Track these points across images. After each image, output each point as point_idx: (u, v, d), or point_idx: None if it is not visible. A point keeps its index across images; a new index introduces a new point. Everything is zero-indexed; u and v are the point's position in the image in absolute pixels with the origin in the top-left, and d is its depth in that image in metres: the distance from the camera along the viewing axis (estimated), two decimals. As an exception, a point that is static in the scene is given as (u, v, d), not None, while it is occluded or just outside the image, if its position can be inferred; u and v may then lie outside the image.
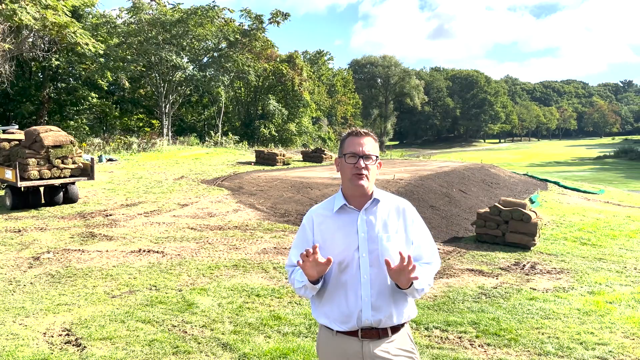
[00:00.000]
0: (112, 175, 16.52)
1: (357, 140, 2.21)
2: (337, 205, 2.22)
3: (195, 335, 4.72)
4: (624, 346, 4.55)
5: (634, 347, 4.53)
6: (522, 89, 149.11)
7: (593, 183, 24.56)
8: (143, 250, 7.91)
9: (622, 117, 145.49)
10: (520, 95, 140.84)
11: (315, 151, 23.43)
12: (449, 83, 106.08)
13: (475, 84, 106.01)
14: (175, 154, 23.97)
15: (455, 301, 5.77)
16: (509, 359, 4.30)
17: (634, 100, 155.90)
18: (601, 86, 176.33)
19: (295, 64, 39.57)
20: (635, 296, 5.99)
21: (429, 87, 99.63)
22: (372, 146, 2.23)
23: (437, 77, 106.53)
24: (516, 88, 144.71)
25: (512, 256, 7.96)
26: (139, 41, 31.75)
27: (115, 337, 4.66)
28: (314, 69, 51.89)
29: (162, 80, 33.46)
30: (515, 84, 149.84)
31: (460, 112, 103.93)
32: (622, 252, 8.53)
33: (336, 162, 2.31)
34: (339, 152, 2.27)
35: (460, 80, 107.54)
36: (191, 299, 5.71)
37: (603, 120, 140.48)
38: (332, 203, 2.25)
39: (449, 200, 12.01)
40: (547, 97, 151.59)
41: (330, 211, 2.23)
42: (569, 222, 10.97)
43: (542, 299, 5.86)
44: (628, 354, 4.39)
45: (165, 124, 33.51)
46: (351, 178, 2.17)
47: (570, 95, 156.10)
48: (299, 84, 39.01)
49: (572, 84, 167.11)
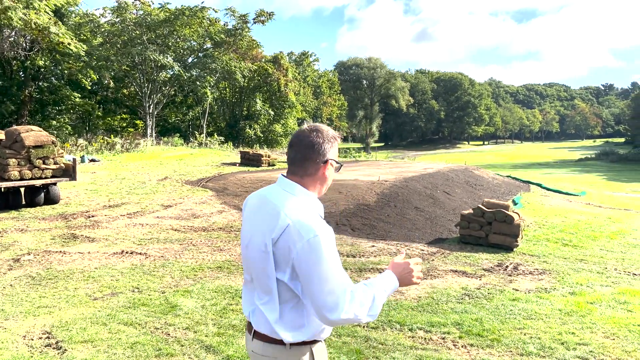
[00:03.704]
0: (94, 176, 16.33)
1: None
2: (321, 210, 2.00)
3: (179, 338, 4.68)
4: (605, 346, 4.61)
5: (614, 347, 4.59)
6: (505, 92, 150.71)
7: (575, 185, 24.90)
8: (126, 252, 7.83)
9: (603, 120, 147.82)
10: (503, 97, 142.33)
11: (300, 152, 23.37)
12: (434, 85, 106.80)
13: (460, 86, 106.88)
14: (159, 155, 23.77)
15: (439, 302, 5.80)
16: (491, 359, 4.33)
17: (615, 104, 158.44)
18: (583, 89, 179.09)
19: (280, 64, 39.53)
20: (616, 297, 6.08)
21: (414, 89, 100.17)
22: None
23: (422, 80, 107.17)
24: (500, 91, 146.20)
25: (495, 257, 8.03)
26: (123, 41, 31.46)
27: (96, 340, 4.60)
28: (300, 70, 51.90)
29: (146, 80, 33.19)
30: (499, 87, 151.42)
31: (444, 114, 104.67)
32: (603, 253, 8.65)
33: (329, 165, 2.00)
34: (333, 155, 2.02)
35: (444, 82, 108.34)
36: (174, 301, 5.66)
37: (585, 123, 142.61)
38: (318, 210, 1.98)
39: (433, 202, 12.08)
40: (530, 99, 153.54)
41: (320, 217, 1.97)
42: (551, 224, 11.09)
43: (524, 299, 5.92)
44: (608, 354, 4.45)
45: (149, 124, 33.24)
46: (328, 187, 2.02)
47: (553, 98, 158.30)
48: (284, 84, 38.97)
49: (554, 87, 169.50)
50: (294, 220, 1.83)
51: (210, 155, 24.75)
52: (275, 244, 1.85)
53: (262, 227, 1.91)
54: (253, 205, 2.04)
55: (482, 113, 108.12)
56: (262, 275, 1.93)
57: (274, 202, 1.94)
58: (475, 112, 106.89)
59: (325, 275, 1.79)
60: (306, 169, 1.98)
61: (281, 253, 1.84)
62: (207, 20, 33.89)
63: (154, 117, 34.23)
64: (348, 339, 4.69)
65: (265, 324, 1.94)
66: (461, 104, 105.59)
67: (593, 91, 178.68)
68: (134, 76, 33.88)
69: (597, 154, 70.08)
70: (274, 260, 1.86)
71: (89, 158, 20.63)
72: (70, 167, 11.81)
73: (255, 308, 1.98)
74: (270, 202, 1.95)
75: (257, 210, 1.99)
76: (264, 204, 1.97)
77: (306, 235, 1.80)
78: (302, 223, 1.82)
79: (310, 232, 1.80)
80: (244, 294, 2.08)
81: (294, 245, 1.81)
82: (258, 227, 1.94)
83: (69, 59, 28.44)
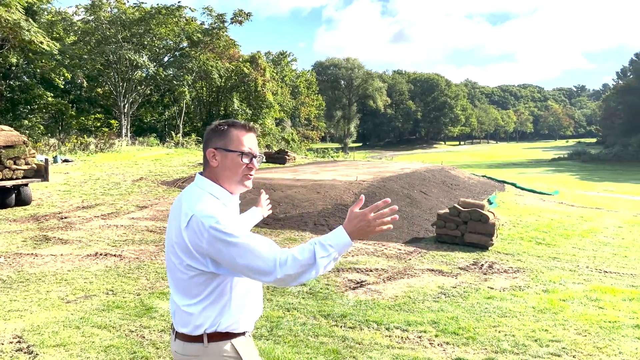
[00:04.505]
0: (67, 176, 16.02)
1: (252, 137, 2.03)
2: (229, 200, 1.99)
3: (154, 340, 4.62)
4: (577, 342, 4.70)
5: (586, 344, 4.69)
6: (481, 93, 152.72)
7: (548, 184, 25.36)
8: (100, 254, 7.70)
9: (575, 121, 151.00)
10: (479, 98, 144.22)
11: (278, 152, 23.34)
12: (411, 86, 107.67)
13: (436, 87, 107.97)
14: (134, 155, 23.45)
15: (415, 301, 5.85)
16: (466, 357, 4.38)
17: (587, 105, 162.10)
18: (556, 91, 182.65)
19: (258, 64, 39.34)
20: (587, 294, 6.21)
21: (392, 90, 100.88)
22: (257, 144, 2.08)
23: (399, 80, 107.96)
24: (475, 92, 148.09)
25: (471, 256, 8.12)
26: (97, 39, 30.95)
27: (69, 344, 4.51)
28: (277, 70, 51.74)
29: (121, 79, 32.71)
30: (475, 88, 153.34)
31: (421, 114, 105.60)
32: (575, 251, 8.83)
33: (211, 152, 1.98)
34: (220, 144, 1.98)
35: (421, 83, 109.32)
36: (150, 303, 5.59)
37: (558, 124, 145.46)
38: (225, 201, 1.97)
39: (411, 202, 12.17)
40: (505, 100, 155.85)
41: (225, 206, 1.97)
42: (525, 223, 11.28)
43: (499, 297, 6.01)
44: (580, 350, 4.54)
45: (124, 124, 32.76)
46: (242, 179, 2.00)
47: (527, 99, 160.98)
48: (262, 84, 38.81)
49: (528, 88, 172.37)
50: (195, 212, 1.84)
51: (187, 155, 24.51)
52: (185, 238, 1.86)
53: (175, 224, 1.93)
54: (172, 207, 2.05)
55: (458, 114, 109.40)
56: (176, 273, 1.94)
57: (184, 199, 1.96)
58: (451, 113, 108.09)
59: (243, 251, 1.79)
60: (204, 162, 2.02)
61: (194, 246, 1.85)
62: (184, 20, 33.56)
63: (129, 117, 33.76)
64: (325, 339, 4.69)
65: (183, 322, 1.94)
66: (438, 104, 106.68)
67: (566, 92, 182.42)
68: (109, 75, 33.35)
69: (570, 154, 71.49)
70: (190, 254, 1.86)
71: (62, 158, 20.24)
72: (42, 168, 11.58)
73: (177, 308, 1.98)
74: (182, 200, 1.97)
75: (173, 210, 2.02)
76: (178, 203, 1.99)
77: (207, 223, 1.80)
78: (202, 212, 1.83)
79: (211, 219, 1.81)
80: (171, 295, 2.08)
81: (202, 236, 1.81)
82: (172, 227, 1.96)
83: (42, 57, 27.87)
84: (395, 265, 7.42)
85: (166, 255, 2.01)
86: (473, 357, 4.37)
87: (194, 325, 1.92)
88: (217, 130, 2.00)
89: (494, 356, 4.39)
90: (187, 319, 1.94)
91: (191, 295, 1.92)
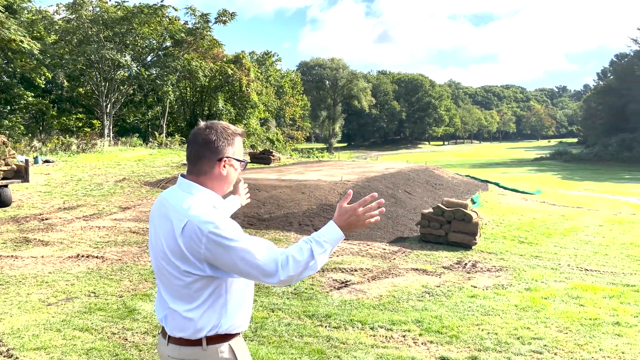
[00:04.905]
0: (48, 177, 15.80)
1: (242, 144, 2.02)
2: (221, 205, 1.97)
3: (137, 343, 4.57)
4: (558, 340, 4.76)
5: (567, 341, 4.75)
6: (464, 93, 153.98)
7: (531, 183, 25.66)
8: (81, 256, 7.60)
9: (557, 121, 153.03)
10: (462, 99, 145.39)
11: (263, 152, 23.26)
12: (395, 86, 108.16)
13: (420, 87, 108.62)
14: (116, 156, 23.20)
15: (400, 300, 5.87)
16: (450, 355, 4.41)
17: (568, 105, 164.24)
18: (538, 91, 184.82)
19: (242, 64, 39.18)
20: (569, 292, 6.29)
21: (376, 90, 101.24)
22: None
23: (383, 81, 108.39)
24: (459, 92, 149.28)
25: (454, 255, 8.18)
26: (79, 39, 30.56)
27: (50, 347, 4.45)
28: (262, 70, 51.60)
29: (103, 78, 32.33)
30: (458, 88, 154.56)
31: (406, 115, 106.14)
32: (557, 249, 8.94)
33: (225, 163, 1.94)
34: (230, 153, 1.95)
35: (405, 83, 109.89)
36: (132, 305, 5.54)
37: (540, 124, 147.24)
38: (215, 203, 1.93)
39: (395, 201, 12.22)
40: (488, 101, 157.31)
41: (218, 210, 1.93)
42: (508, 222, 11.39)
43: (482, 296, 6.06)
44: (561, 347, 4.60)
45: (106, 124, 32.38)
46: (231, 185, 1.99)
47: (510, 100, 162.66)
48: (246, 84, 38.66)
49: (511, 88, 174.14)
50: (191, 217, 1.81)
51: (170, 156, 24.31)
52: (180, 244, 1.82)
53: (163, 230, 1.89)
54: (154, 210, 2.01)
55: (442, 114, 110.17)
56: (169, 279, 1.91)
57: (171, 203, 1.91)
58: (435, 113, 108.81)
59: (244, 254, 1.78)
60: (201, 167, 1.94)
61: (190, 252, 1.82)
62: (167, 19, 33.28)
63: (111, 117, 33.38)
64: (310, 339, 4.69)
65: (181, 327, 1.92)
66: (422, 104, 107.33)
67: (548, 93, 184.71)
68: (91, 75, 32.94)
69: (552, 154, 72.36)
70: (186, 261, 1.84)
71: (43, 159, 19.95)
72: (22, 169, 11.40)
73: (168, 313, 1.95)
74: (168, 204, 1.93)
75: (158, 214, 1.97)
76: (163, 207, 1.95)
77: (205, 229, 1.78)
78: (199, 218, 1.80)
79: (209, 224, 1.78)
80: (157, 299, 2.06)
81: (200, 242, 1.79)
82: (159, 231, 1.92)
83: (22, 56, 27.43)
84: (380, 265, 7.44)
85: (156, 262, 1.97)
86: (457, 356, 4.40)
87: (194, 329, 1.90)
88: (228, 138, 1.95)
89: (477, 354, 4.42)
90: (187, 324, 1.91)
91: (190, 300, 1.89)
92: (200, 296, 1.88)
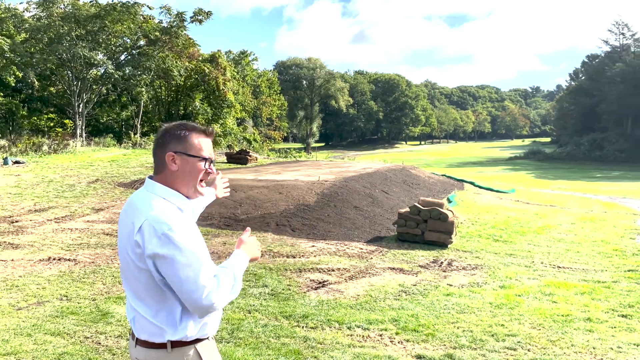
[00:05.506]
0: (18, 178, 15.43)
1: (210, 142, 2.01)
2: (184, 204, 1.94)
3: (110, 346, 4.49)
4: (531, 336, 4.84)
5: (540, 337, 4.83)
6: (440, 93, 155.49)
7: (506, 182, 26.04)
8: (53, 259, 7.44)
9: (530, 121, 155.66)
10: (439, 99, 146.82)
11: (240, 153, 23.12)
12: (372, 86, 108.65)
13: (397, 87, 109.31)
14: (89, 156, 22.79)
15: (377, 299, 5.89)
16: (426, 353, 4.44)
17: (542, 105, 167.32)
18: (512, 91, 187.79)
19: (218, 63, 38.88)
20: (542, 289, 6.40)
21: (353, 90, 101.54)
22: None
23: (360, 81, 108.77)
24: (435, 92, 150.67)
25: (430, 254, 8.25)
26: (50, 37, 29.90)
27: (20, 352, 4.34)
28: (238, 70, 51.29)
29: (75, 77, 31.71)
30: (434, 88, 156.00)
31: (383, 114, 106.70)
32: (530, 247, 9.10)
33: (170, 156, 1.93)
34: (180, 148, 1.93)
35: (382, 83, 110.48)
36: (106, 308, 5.44)
37: (514, 124, 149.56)
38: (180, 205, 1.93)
39: (372, 201, 12.27)
40: (464, 101, 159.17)
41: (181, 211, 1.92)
42: (483, 220, 11.54)
43: (457, 294, 6.12)
44: (535, 344, 4.67)
45: (78, 124, 31.75)
46: (198, 184, 1.97)
47: (485, 100, 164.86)
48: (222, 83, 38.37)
49: (486, 88, 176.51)
50: (148, 217, 1.81)
51: (145, 156, 23.98)
52: (138, 243, 1.82)
53: (127, 230, 1.89)
54: (122, 211, 2.01)
55: (418, 114, 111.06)
56: (132, 280, 1.90)
57: (136, 203, 1.91)
58: (412, 113, 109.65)
59: (186, 268, 1.76)
60: (157, 166, 1.98)
61: (145, 251, 1.81)
62: (141, 17, 32.80)
63: (84, 117, 32.74)
64: (287, 340, 4.67)
65: (144, 329, 1.90)
66: (399, 104, 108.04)
67: (521, 93, 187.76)
68: (62, 73, 32.27)
69: (526, 153, 73.59)
70: (142, 259, 1.82)
71: (13, 160, 19.47)
72: (-9, 170, 11.11)
73: (135, 314, 1.93)
74: (133, 204, 1.93)
75: (124, 215, 1.97)
76: (129, 208, 1.95)
77: (159, 229, 1.77)
78: (157, 218, 1.79)
79: (163, 225, 1.77)
80: (127, 301, 2.04)
81: (150, 242, 1.78)
82: (124, 231, 1.91)
83: (-9, 55, 26.74)
84: (357, 265, 7.46)
85: (121, 262, 1.96)
86: (432, 354, 4.43)
87: (158, 332, 1.88)
88: (177, 135, 1.95)
89: (453, 352, 4.46)
90: (150, 326, 1.88)
91: (151, 301, 1.87)
92: (159, 296, 1.86)
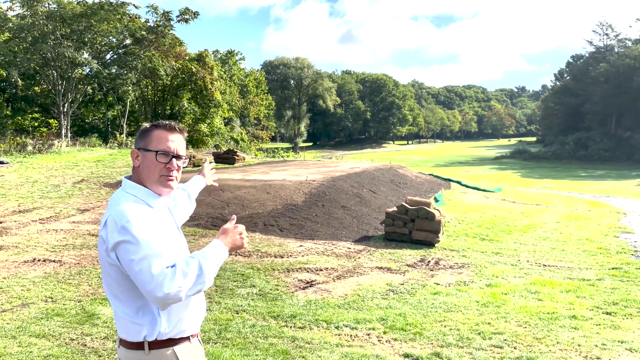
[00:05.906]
0: (2, 179, 15.23)
1: (175, 137, 2.02)
2: (154, 200, 1.97)
3: (96, 348, 4.45)
4: (518, 334, 4.88)
5: (526, 335, 4.87)
6: (427, 93, 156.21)
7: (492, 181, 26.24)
8: (38, 260, 7.35)
9: (516, 120, 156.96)
10: (426, 99, 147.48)
11: (227, 152, 23.02)
12: (360, 86, 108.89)
13: (384, 87, 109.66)
14: (75, 156, 22.55)
15: (364, 299, 5.91)
16: (414, 352, 4.46)
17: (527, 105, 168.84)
18: (498, 91, 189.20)
19: (205, 62, 38.68)
20: (528, 287, 6.46)
21: (341, 90, 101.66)
22: (184, 145, 2.06)
23: (348, 80, 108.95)
24: (422, 92, 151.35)
25: (418, 253, 8.29)
26: (34, 36, 29.53)
27: (4, 355, 4.28)
28: (225, 69, 51.08)
29: (60, 77, 31.36)
30: (421, 88, 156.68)
31: (370, 114, 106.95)
32: (517, 246, 9.18)
33: (135, 153, 2.00)
34: (142, 144, 1.99)
35: (370, 83, 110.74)
36: (92, 309, 5.39)
37: (500, 123, 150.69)
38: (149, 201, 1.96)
39: (360, 201, 12.30)
40: (451, 101, 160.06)
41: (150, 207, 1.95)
42: (470, 219, 11.62)
43: (445, 293, 6.16)
44: (521, 341, 4.71)
45: (63, 123, 31.40)
46: (160, 179, 1.97)
47: (471, 100, 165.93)
48: (210, 83, 38.18)
49: (472, 88, 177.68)
50: (113, 212, 1.86)
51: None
52: (103, 239, 1.86)
53: (101, 227, 1.93)
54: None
55: (406, 114, 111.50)
56: (107, 277, 1.92)
57: (109, 202, 1.97)
58: (399, 113, 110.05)
59: (141, 259, 1.76)
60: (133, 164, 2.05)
61: (109, 246, 1.83)
62: (127, 17, 32.53)
63: (69, 116, 32.39)
64: (275, 340, 4.66)
65: (123, 326, 1.91)
66: (386, 104, 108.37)
67: (507, 93, 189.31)
68: (47, 73, 31.89)
69: (512, 153, 74.23)
70: (109, 255, 1.84)
71: (-3, 160, 19.21)
72: (-26, 170, 10.96)
73: (114, 313, 1.97)
74: (108, 203, 1.98)
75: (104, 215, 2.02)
76: (107, 206, 2.00)
77: (119, 222, 1.81)
78: (120, 212, 1.83)
79: (123, 218, 1.81)
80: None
81: (112, 235, 1.82)
82: (101, 230, 1.93)
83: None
84: (345, 264, 7.47)
85: (99, 262, 1.98)
86: (420, 352, 4.45)
87: (134, 331, 1.87)
88: (141, 132, 2.03)
89: (440, 350, 4.49)
90: (127, 324, 1.89)
91: (124, 299, 1.88)
92: (131, 292, 1.86)
